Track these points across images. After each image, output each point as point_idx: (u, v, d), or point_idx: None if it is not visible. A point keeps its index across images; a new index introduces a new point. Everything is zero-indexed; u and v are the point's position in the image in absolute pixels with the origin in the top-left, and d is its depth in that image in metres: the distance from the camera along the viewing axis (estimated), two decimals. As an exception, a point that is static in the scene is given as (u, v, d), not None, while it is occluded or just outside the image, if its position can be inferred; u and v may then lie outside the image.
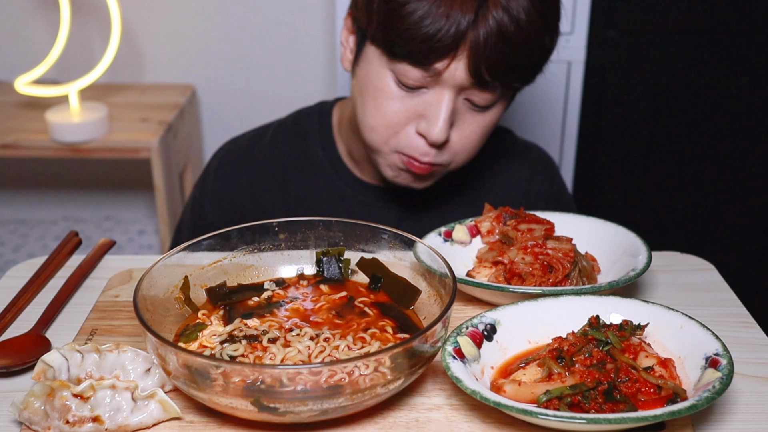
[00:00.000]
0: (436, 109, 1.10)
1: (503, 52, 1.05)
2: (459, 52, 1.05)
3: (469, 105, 1.13)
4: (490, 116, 1.15)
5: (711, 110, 2.15)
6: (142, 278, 0.80)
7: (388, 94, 1.12)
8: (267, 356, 0.77)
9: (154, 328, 0.73)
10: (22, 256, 2.39)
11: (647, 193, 2.26)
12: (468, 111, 1.13)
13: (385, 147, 1.17)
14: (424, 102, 1.11)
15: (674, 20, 2.08)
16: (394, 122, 1.13)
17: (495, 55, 1.05)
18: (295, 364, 0.75)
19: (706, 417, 0.76)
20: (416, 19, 1.04)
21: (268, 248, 0.93)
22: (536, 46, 1.08)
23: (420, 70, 1.08)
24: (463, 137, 1.15)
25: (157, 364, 0.75)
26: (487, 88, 1.10)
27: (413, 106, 1.12)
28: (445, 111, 1.10)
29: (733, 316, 0.93)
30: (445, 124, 1.10)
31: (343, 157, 1.32)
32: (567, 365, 0.75)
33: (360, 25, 1.15)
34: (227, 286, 0.89)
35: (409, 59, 1.07)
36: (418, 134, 1.13)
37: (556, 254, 0.94)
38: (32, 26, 2.39)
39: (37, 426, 0.72)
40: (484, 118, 1.15)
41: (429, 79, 1.09)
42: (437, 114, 1.10)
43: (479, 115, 1.14)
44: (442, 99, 1.10)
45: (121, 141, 2.09)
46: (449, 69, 1.07)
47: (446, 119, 1.10)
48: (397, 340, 0.81)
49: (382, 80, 1.12)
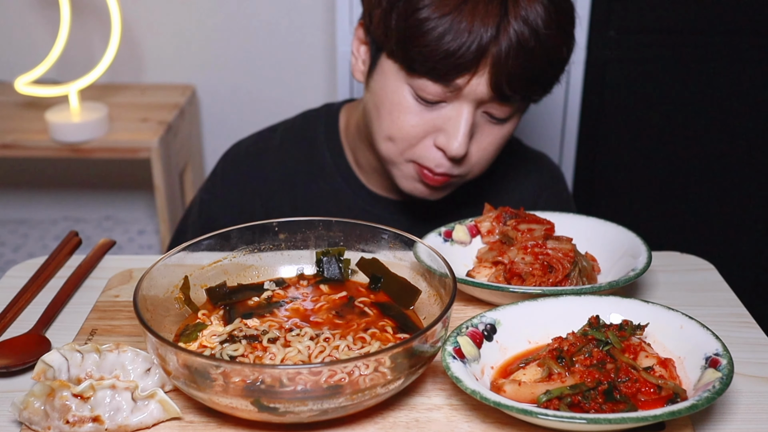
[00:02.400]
0: (455, 123, 1.09)
1: (524, 65, 1.04)
2: (480, 67, 1.04)
3: (487, 118, 1.12)
4: (507, 128, 1.15)
5: (711, 110, 2.15)
6: (142, 278, 0.80)
7: (406, 108, 1.11)
8: (267, 356, 0.77)
9: (154, 328, 0.73)
10: (22, 256, 2.39)
11: (647, 193, 2.26)
12: (486, 123, 1.13)
13: (400, 158, 1.16)
14: (442, 116, 1.10)
15: (674, 20, 2.08)
16: (411, 135, 1.12)
17: (516, 69, 1.04)
18: (295, 364, 0.75)
19: (706, 417, 0.76)
20: (437, 35, 1.02)
21: (268, 248, 0.93)
22: (555, 56, 1.08)
23: (440, 86, 1.06)
24: (480, 149, 1.14)
25: (157, 364, 0.75)
26: (508, 102, 1.09)
27: (431, 120, 1.10)
28: (464, 125, 1.09)
29: (733, 316, 0.93)
30: (465, 138, 1.09)
31: (351, 164, 1.31)
32: (567, 365, 0.75)
33: (375, 38, 1.13)
34: (227, 286, 0.89)
35: (429, 75, 1.06)
36: (435, 147, 1.12)
37: (556, 254, 0.94)
38: (32, 26, 2.39)
39: (37, 426, 0.72)
40: (501, 130, 1.14)
41: (449, 94, 1.08)
42: (457, 128, 1.09)
43: (497, 128, 1.14)
44: (461, 113, 1.09)
45: (121, 141, 2.09)
46: (470, 84, 1.06)
47: (466, 133, 1.09)
48: (397, 340, 0.81)
49: (400, 94, 1.11)
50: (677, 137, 2.19)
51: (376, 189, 1.31)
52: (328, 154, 1.31)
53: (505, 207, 1.04)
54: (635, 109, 2.17)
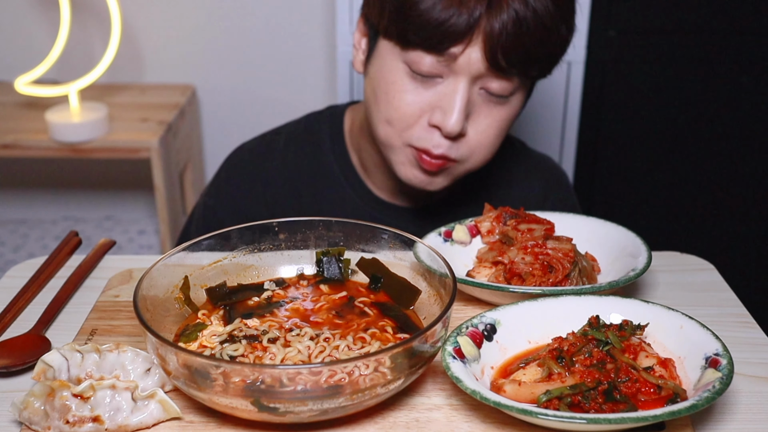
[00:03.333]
0: (450, 99, 1.08)
1: (520, 39, 1.04)
2: (474, 38, 1.04)
3: (485, 96, 1.10)
4: (507, 110, 1.13)
5: (711, 110, 2.15)
6: (142, 278, 0.80)
7: (401, 87, 1.11)
8: (267, 356, 0.77)
9: (154, 328, 0.73)
10: (22, 256, 2.39)
11: (647, 193, 2.26)
12: (485, 103, 1.11)
13: (398, 140, 1.14)
14: (438, 92, 1.09)
15: (674, 20, 2.08)
16: (407, 115, 1.11)
17: (511, 42, 1.04)
18: (295, 364, 0.75)
19: (706, 417, 0.76)
20: (430, 4, 1.03)
21: (268, 248, 0.93)
22: (553, 35, 1.07)
23: (434, 57, 1.06)
24: (479, 132, 1.12)
25: (157, 364, 0.75)
26: (504, 75, 1.08)
27: (427, 97, 1.10)
28: (460, 100, 1.08)
29: (733, 316, 0.93)
30: (461, 114, 1.08)
31: (357, 169, 1.30)
32: (567, 365, 0.75)
33: (372, 23, 1.14)
34: (227, 286, 0.89)
35: (423, 46, 1.06)
36: (431, 126, 1.11)
37: (556, 254, 0.94)
38: (32, 26, 2.39)
39: (37, 426, 0.72)
40: (501, 111, 1.12)
41: (443, 67, 1.07)
42: (452, 103, 1.08)
43: (496, 108, 1.12)
44: (457, 88, 1.08)
45: (121, 141, 2.09)
46: (464, 54, 1.05)
47: (461, 108, 1.08)
48: (397, 340, 0.81)
49: (395, 73, 1.11)
50: (677, 137, 2.19)
51: (382, 195, 1.30)
52: (333, 159, 1.30)
53: (505, 207, 1.04)
54: (635, 109, 2.17)
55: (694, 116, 2.16)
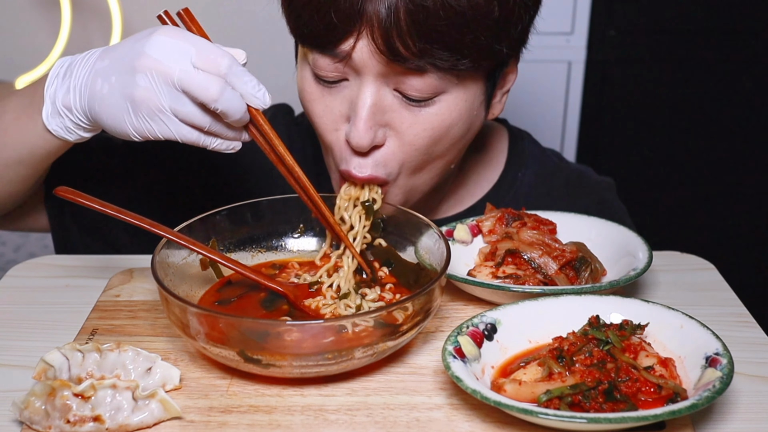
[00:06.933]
0: (355, 105, 0.93)
1: (418, 20, 0.86)
2: (363, 28, 0.89)
3: (402, 100, 0.94)
4: (435, 115, 0.94)
5: (711, 110, 2.15)
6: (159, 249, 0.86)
7: (310, 95, 0.98)
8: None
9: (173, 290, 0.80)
10: (23, 255, 2.39)
11: (647, 193, 2.26)
12: (403, 108, 0.94)
13: (331, 163, 1.02)
14: (345, 99, 0.95)
15: (674, 20, 2.08)
16: (321, 129, 0.98)
17: (409, 25, 0.87)
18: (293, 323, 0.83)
19: (706, 417, 0.76)
20: None
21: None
22: (469, 18, 0.88)
23: (328, 58, 0.92)
24: (405, 143, 0.95)
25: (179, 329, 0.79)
26: (416, 71, 0.90)
27: (336, 106, 0.96)
28: (363, 106, 0.92)
29: (733, 316, 0.93)
30: (366, 123, 0.92)
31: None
32: (567, 365, 0.75)
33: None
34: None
35: (314, 44, 0.93)
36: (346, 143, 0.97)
37: (558, 245, 0.96)
38: (32, 26, 2.39)
39: (38, 425, 0.72)
40: (427, 117, 0.94)
41: (344, 68, 0.93)
42: (356, 110, 0.93)
43: (420, 113, 0.94)
44: (360, 91, 0.93)
45: (121, 141, 2.09)
46: (356, 50, 0.90)
47: (367, 116, 0.92)
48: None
49: (305, 80, 0.99)
50: (677, 137, 2.19)
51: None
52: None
53: (508, 208, 1.04)
54: (635, 108, 2.17)
55: (694, 116, 2.16)
